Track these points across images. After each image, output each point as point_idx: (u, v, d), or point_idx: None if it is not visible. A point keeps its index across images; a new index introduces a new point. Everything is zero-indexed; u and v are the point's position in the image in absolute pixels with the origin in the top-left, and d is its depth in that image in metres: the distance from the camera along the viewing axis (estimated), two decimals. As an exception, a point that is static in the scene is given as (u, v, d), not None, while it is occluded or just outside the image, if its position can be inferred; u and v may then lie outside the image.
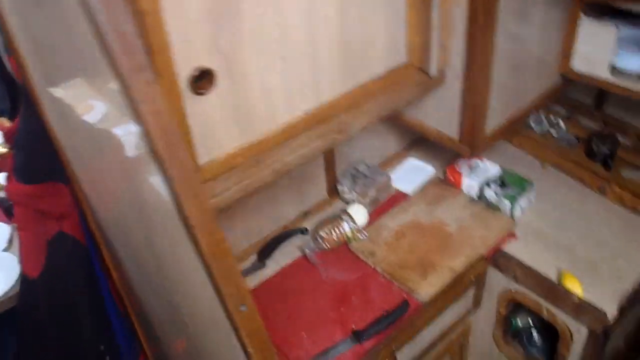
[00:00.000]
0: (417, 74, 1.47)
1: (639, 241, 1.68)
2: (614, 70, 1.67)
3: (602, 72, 1.67)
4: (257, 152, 1.18)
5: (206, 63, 1.02)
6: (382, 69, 1.37)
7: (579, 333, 1.54)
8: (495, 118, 1.59)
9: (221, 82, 1.06)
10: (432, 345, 1.69)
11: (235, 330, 0.91)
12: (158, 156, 0.77)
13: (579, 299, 1.50)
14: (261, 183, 1.19)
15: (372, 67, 1.34)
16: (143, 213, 1.05)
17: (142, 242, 1.20)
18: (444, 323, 1.67)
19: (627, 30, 1.66)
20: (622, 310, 1.50)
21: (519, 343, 1.82)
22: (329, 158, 1.79)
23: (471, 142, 1.56)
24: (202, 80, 1.03)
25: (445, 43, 1.44)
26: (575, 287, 1.53)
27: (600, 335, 1.49)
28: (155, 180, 0.83)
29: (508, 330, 1.83)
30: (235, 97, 1.10)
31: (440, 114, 1.60)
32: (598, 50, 1.66)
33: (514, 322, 1.86)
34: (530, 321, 1.81)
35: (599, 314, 1.47)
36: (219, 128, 1.10)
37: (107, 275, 1.58)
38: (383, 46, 1.34)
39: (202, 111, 1.06)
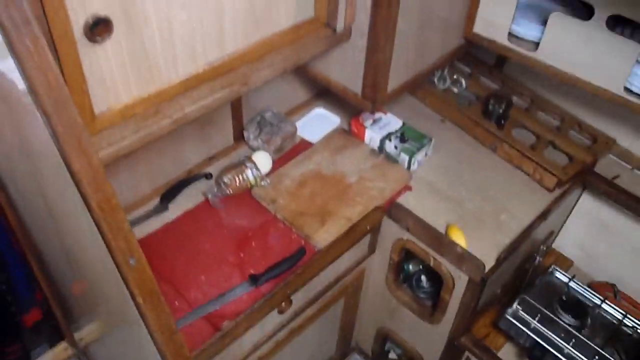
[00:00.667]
0: (324, 29, 1.48)
1: (522, 197, 1.82)
2: (512, 36, 1.76)
3: (500, 38, 1.75)
4: (156, 102, 1.17)
5: (102, 11, 0.99)
6: (289, 22, 1.38)
7: (460, 280, 1.67)
8: (398, 75, 1.64)
9: (118, 30, 1.04)
10: (327, 288, 1.78)
11: (125, 281, 0.94)
12: (45, 112, 0.76)
13: (462, 249, 1.62)
14: (160, 133, 1.19)
15: (278, 21, 1.35)
16: (33, 161, 1.04)
17: (34, 186, 1.18)
18: (339, 268, 1.76)
19: (527, -2, 1.74)
20: (499, 261, 1.64)
21: (409, 287, 1.95)
22: (236, 105, 1.79)
23: (373, 98, 1.61)
24: (98, 27, 1.00)
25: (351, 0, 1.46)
26: (459, 238, 1.66)
27: (478, 283, 1.63)
28: (43, 133, 0.83)
29: (399, 275, 1.95)
30: (133, 45, 1.08)
31: (345, 69, 1.63)
32: (498, 16, 1.73)
33: (405, 268, 1.98)
34: (420, 268, 1.95)
35: (478, 264, 1.60)
36: (116, 77, 1.08)
37: (2, 216, 1.54)
38: (290, 1, 1.35)
39: (98, 60, 1.04)
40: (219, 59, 1.26)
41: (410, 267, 2.00)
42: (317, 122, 1.99)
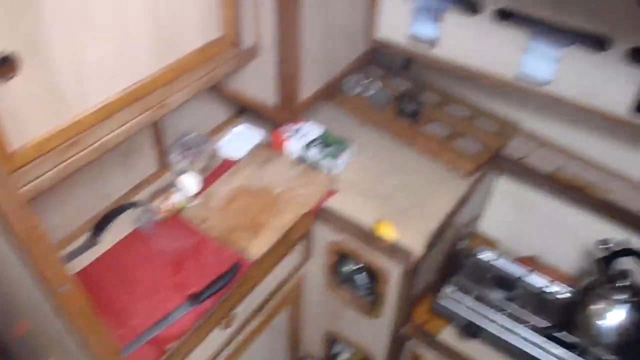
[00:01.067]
0: (233, 47, 1.54)
1: (441, 186, 1.92)
2: (412, 37, 1.87)
3: (401, 40, 1.86)
4: (72, 134, 1.19)
5: (7, 47, 1.01)
6: (198, 43, 1.43)
7: (393, 272, 1.75)
8: (310, 85, 1.72)
9: (25, 66, 1.05)
10: (268, 298, 1.82)
11: (60, 311, 0.95)
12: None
13: (391, 243, 1.70)
14: (80, 164, 1.21)
15: (187, 42, 1.39)
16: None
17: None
18: (277, 277, 1.81)
19: (423, 1, 1.85)
20: (428, 248, 1.73)
21: (348, 286, 2.01)
22: (157, 130, 1.81)
23: (288, 109, 1.68)
24: (5, 66, 1.02)
25: (257, 17, 1.53)
26: (388, 232, 1.73)
27: (409, 272, 1.71)
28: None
29: (338, 276, 2.01)
30: (43, 80, 1.10)
31: (259, 84, 1.69)
32: (397, 20, 1.84)
33: (343, 268, 2.05)
34: (358, 266, 2.01)
35: (408, 254, 1.68)
36: (28, 113, 1.10)
37: None
38: (197, 21, 1.40)
39: (8, 96, 1.05)
40: (131, 85, 1.29)
41: (348, 267, 2.06)
42: (241, 139, 2.03)
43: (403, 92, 2.12)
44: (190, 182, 1.79)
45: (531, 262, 2.16)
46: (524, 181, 2.09)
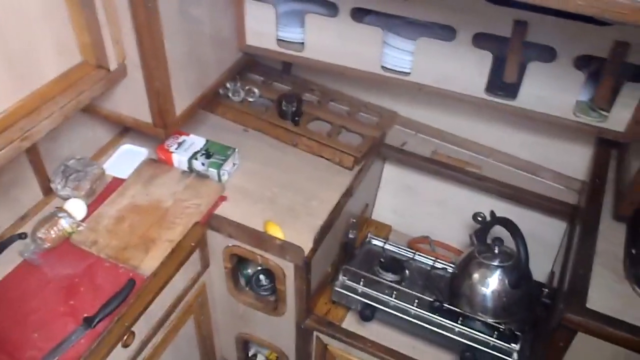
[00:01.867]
0: (97, 71, 1.56)
1: (327, 181, 2.00)
2: (282, 41, 1.94)
3: (270, 45, 1.94)
4: None
5: None
6: (55, 72, 1.44)
7: (288, 269, 1.82)
8: (182, 98, 1.76)
9: None
10: (170, 311, 1.84)
11: None
12: None
13: (281, 241, 1.77)
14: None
15: (44, 72, 1.41)
16: None
17: None
18: (176, 289, 1.83)
19: (286, 6, 1.93)
20: (316, 242, 1.81)
21: (251, 289, 2.06)
22: (35, 159, 1.80)
23: (163, 124, 1.72)
24: None
25: (117, 38, 1.55)
26: (277, 232, 1.80)
27: (302, 267, 1.78)
28: None
29: (241, 280, 2.06)
30: None
31: (131, 102, 1.72)
32: (264, 26, 1.91)
33: (244, 271, 2.10)
34: (258, 268, 2.07)
35: (298, 250, 1.75)
36: None
37: None
38: (51, 50, 1.41)
39: None
40: (-11, 122, 1.29)
41: (249, 270, 2.12)
42: (126, 158, 2.04)
43: (281, 95, 2.18)
44: (75, 207, 1.79)
45: (424, 242, 2.29)
46: (407, 166, 2.21)
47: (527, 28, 1.63)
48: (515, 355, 1.75)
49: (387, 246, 2.10)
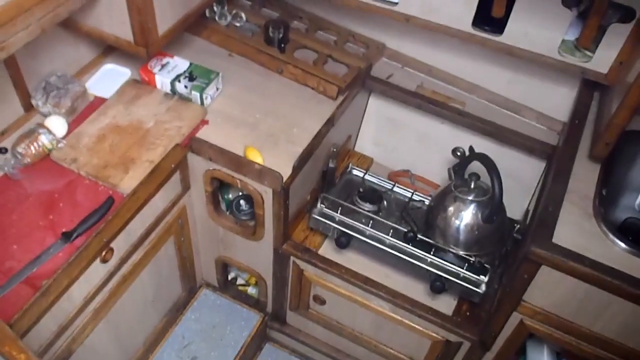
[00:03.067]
0: (76, -16, 1.52)
1: (310, 110, 2.00)
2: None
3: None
4: None
5: None
6: (31, -17, 1.40)
7: (266, 194, 1.85)
8: (165, 18, 1.73)
9: None
10: (150, 230, 1.88)
11: None
12: None
13: (260, 166, 1.79)
14: None
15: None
16: None
17: None
18: (155, 209, 1.86)
19: None
20: (295, 169, 1.83)
21: (232, 213, 2.10)
22: (15, 74, 1.78)
23: (145, 43, 1.69)
24: None
25: (97, -50, 1.51)
26: (256, 157, 1.82)
27: (280, 193, 1.81)
28: None
29: (219, 205, 2.09)
30: None
31: (113, 19, 1.69)
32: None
33: (225, 196, 2.13)
34: (240, 193, 2.10)
35: (277, 175, 1.77)
36: None
37: None
38: (28, -41, 1.37)
39: None
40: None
41: (230, 194, 2.15)
42: (109, 78, 2.02)
43: (269, 21, 2.15)
44: (56, 124, 1.79)
45: (405, 175, 2.32)
46: (391, 99, 2.20)
47: (518, -40, 1.60)
48: (483, 286, 1.81)
49: (367, 177, 2.12)
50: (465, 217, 1.79)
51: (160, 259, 2.03)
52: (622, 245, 1.54)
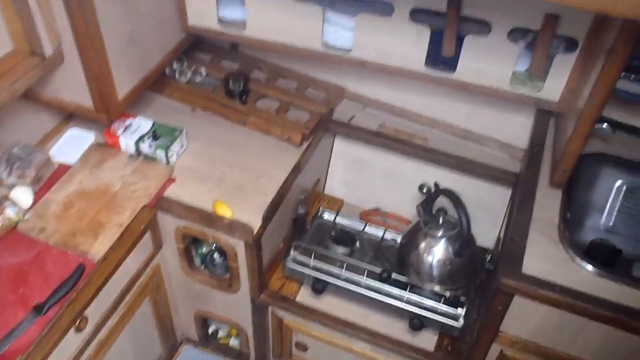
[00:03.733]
0: (32, 58, 1.54)
1: (276, 159, 2.02)
2: (222, 21, 1.94)
3: (213, 25, 1.93)
4: None
5: None
6: (-13, 60, 1.42)
7: (239, 247, 1.85)
8: (124, 82, 1.75)
9: None
10: (124, 293, 1.86)
11: None
12: None
13: (229, 220, 1.80)
14: None
15: (-26, 61, 1.39)
16: None
17: None
18: (128, 271, 1.85)
19: (226, -16, 1.92)
20: (265, 220, 1.84)
21: (206, 267, 2.09)
22: (-23, 149, 1.78)
23: (106, 109, 1.71)
24: None
25: (50, 24, 1.53)
26: (225, 211, 1.82)
27: (252, 245, 1.82)
28: None
29: (196, 259, 2.09)
30: None
31: (72, 88, 1.71)
32: (205, 6, 1.90)
33: (199, 250, 2.13)
34: (213, 247, 2.10)
35: (247, 228, 1.78)
36: None
37: None
38: (-20, 40, 1.39)
39: None
40: None
41: (204, 248, 2.14)
42: (72, 143, 2.02)
43: (228, 73, 2.18)
44: (22, 195, 1.78)
45: (376, 214, 2.34)
46: (356, 140, 2.24)
47: (462, 2, 1.66)
48: (460, 319, 1.83)
49: (338, 219, 2.14)
50: (436, 252, 1.81)
51: (137, 320, 2.01)
52: (590, 268, 1.57)
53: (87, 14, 1.51)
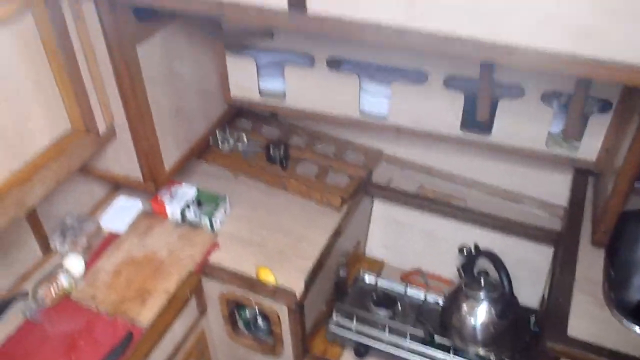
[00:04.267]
0: (87, 135, 1.64)
1: (316, 223, 2.06)
2: (262, 93, 2.03)
3: (254, 96, 2.02)
4: None
5: None
6: (47, 141, 1.52)
7: (282, 312, 1.88)
8: (172, 153, 1.84)
9: None
10: (171, 357, 1.90)
11: None
12: None
13: (273, 285, 1.83)
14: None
15: (35, 143, 1.49)
16: None
17: None
18: (174, 337, 1.89)
19: (266, 58, 2.02)
20: (307, 284, 1.87)
21: (249, 331, 2.12)
22: (33, 220, 1.87)
23: (154, 179, 1.79)
24: None
25: (104, 103, 1.64)
26: (269, 277, 1.86)
27: (295, 310, 1.84)
28: None
29: (240, 323, 2.12)
30: None
31: (122, 161, 1.80)
32: (246, 78, 2.00)
33: (242, 314, 2.16)
34: (256, 311, 2.12)
35: (289, 294, 1.81)
36: None
37: None
38: (42, 121, 1.50)
39: None
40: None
41: (247, 313, 2.17)
42: (121, 211, 2.11)
43: (269, 140, 2.26)
44: (74, 265, 1.86)
45: (417, 274, 2.35)
46: (394, 202, 2.27)
47: (494, 69, 1.71)
48: (506, 383, 1.80)
49: (379, 281, 2.15)
50: (479, 315, 1.80)
51: (182, 385, 2.03)
52: (638, 329, 1.54)
53: (138, 93, 1.62)
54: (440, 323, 1.94)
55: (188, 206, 2.03)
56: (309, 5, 1.26)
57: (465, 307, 1.82)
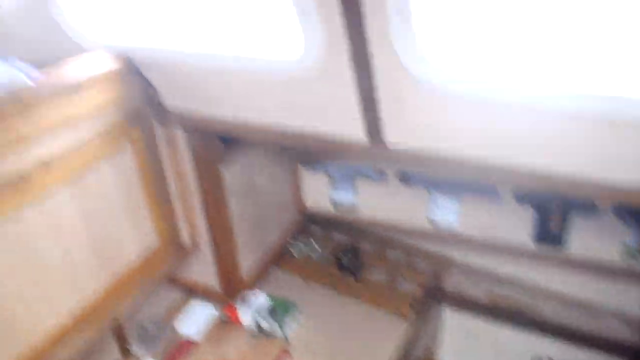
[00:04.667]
0: (173, 250, 1.74)
1: (386, 331, 2.06)
2: (334, 204, 2.11)
3: (327, 207, 2.10)
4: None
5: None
6: (135, 256, 1.62)
7: None
8: (249, 263, 1.92)
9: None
10: None
11: None
12: None
13: (345, 397, 1.83)
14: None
15: (125, 258, 1.59)
16: None
17: None
18: None
19: (339, 172, 2.12)
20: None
21: None
22: (117, 328, 1.96)
23: (230, 290, 1.86)
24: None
25: (190, 221, 1.74)
26: (340, 388, 1.86)
27: None
28: None
29: None
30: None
31: (202, 272, 1.89)
32: (319, 191, 2.09)
33: None
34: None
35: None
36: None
37: None
38: (132, 239, 1.61)
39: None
40: (82, 306, 1.46)
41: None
42: (195, 317, 2.17)
43: (342, 250, 2.31)
44: (152, 370, 1.92)
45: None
46: (466, 310, 2.25)
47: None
48: None
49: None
50: None
51: None
52: None
53: (221, 208, 1.72)
54: None
55: (261, 313, 2.08)
56: (385, 138, 1.33)
57: None
